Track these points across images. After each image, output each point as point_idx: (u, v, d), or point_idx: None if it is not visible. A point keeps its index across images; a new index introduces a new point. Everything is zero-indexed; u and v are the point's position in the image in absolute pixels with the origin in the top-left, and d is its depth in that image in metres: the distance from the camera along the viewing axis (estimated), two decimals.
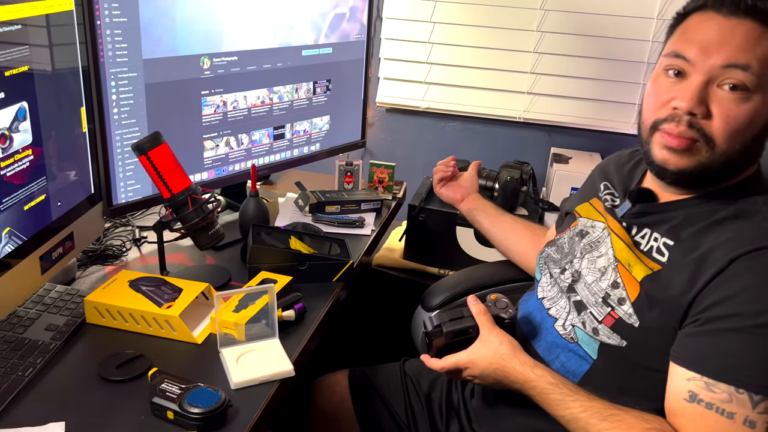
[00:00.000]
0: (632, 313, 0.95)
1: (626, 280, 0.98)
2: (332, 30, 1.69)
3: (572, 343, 1.03)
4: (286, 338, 1.13)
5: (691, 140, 0.91)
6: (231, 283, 1.31)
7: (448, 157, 1.55)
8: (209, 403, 0.92)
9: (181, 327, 1.10)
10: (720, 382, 0.82)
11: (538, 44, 2.14)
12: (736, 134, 0.89)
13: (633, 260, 0.99)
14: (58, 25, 1.12)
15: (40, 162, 1.10)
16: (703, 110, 0.89)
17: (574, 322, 1.04)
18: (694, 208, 0.96)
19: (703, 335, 0.85)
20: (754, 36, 0.87)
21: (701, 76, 0.89)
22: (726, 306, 0.84)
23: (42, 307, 1.15)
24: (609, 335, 0.97)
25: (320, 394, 1.39)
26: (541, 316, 1.11)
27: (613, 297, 0.99)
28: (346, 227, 1.58)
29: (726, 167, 0.92)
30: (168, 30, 1.34)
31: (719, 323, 0.84)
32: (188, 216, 1.21)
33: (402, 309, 1.63)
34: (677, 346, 0.89)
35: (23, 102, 1.04)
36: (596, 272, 1.04)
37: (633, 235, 1.02)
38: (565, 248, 1.16)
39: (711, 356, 0.83)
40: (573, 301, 1.06)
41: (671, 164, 0.93)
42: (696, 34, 0.91)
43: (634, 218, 1.03)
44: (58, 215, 1.17)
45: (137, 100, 1.33)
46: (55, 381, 1.00)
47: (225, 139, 1.54)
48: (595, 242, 1.09)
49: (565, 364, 1.03)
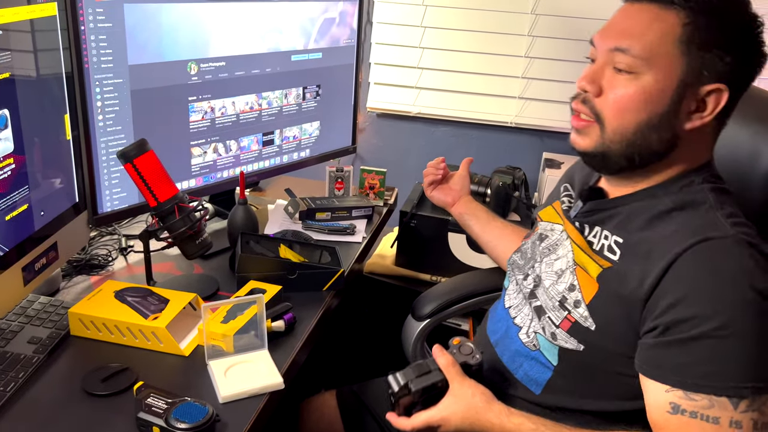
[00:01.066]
0: (588, 315, 0.94)
1: (582, 283, 0.97)
2: (322, 35, 1.67)
3: (534, 350, 1.02)
4: (275, 349, 1.11)
5: (585, 120, 0.95)
6: (219, 293, 1.28)
7: (438, 158, 1.52)
8: (196, 417, 0.90)
9: (168, 339, 1.08)
10: (698, 393, 0.81)
11: (530, 49, 2.14)
12: (624, 112, 0.91)
13: (587, 261, 0.98)
14: (41, 30, 1.10)
15: (23, 170, 1.08)
16: (596, 88, 0.93)
17: (536, 328, 1.02)
18: (640, 202, 0.96)
19: (669, 347, 0.84)
20: (645, 19, 0.90)
21: (599, 59, 0.95)
22: (681, 309, 0.83)
23: (25, 320, 1.12)
24: (566, 339, 0.97)
25: (309, 416, 1.37)
26: (507, 325, 1.10)
27: (569, 300, 0.98)
28: (337, 234, 1.56)
29: (631, 148, 0.92)
30: (154, 35, 1.32)
31: (680, 331, 0.83)
32: (175, 225, 1.19)
33: (394, 316, 1.61)
34: (645, 358, 0.87)
35: (5, 109, 1.02)
36: (553, 275, 1.03)
37: (586, 236, 1.01)
38: (528, 253, 1.15)
39: (682, 367, 0.83)
40: (533, 306, 1.05)
41: (577, 145, 0.98)
42: (607, 22, 0.97)
43: (585, 217, 1.03)
44: (41, 225, 1.14)
45: (123, 106, 1.30)
46: (38, 396, 0.98)
47: (213, 145, 1.52)
48: (553, 245, 1.08)
49: (528, 372, 1.03)
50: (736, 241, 0.85)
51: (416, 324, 1.46)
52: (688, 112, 0.90)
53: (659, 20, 0.89)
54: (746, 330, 0.80)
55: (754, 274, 0.82)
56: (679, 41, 0.88)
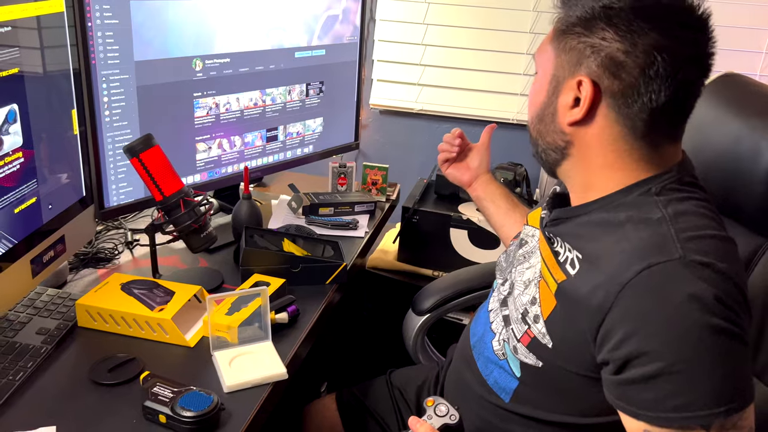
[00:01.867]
0: (545, 332, 0.91)
1: (543, 297, 0.93)
2: (325, 32, 1.69)
3: (503, 359, 1.00)
4: (279, 341, 1.13)
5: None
6: (224, 286, 1.30)
7: (454, 131, 1.38)
8: (202, 406, 0.92)
9: (174, 330, 1.09)
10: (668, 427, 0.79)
11: (531, 46, 2.15)
12: (528, 107, 0.96)
13: (547, 275, 0.94)
14: (48, 27, 1.11)
15: (31, 164, 1.10)
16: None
17: (504, 337, 1.00)
18: (597, 213, 0.91)
19: (633, 384, 0.80)
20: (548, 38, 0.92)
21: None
22: (633, 343, 0.79)
23: (33, 311, 1.14)
24: (526, 354, 0.94)
25: (310, 421, 1.36)
26: (485, 329, 1.07)
27: (530, 314, 0.94)
28: (340, 229, 1.58)
29: (537, 143, 0.95)
30: (160, 32, 1.34)
31: (638, 365, 0.79)
32: (180, 218, 1.21)
33: (396, 311, 1.62)
34: (612, 391, 0.84)
35: (13, 104, 1.04)
36: (521, 285, 1.00)
37: (553, 247, 0.95)
38: (510, 256, 1.11)
39: (651, 403, 0.79)
40: (503, 315, 1.02)
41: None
42: None
43: (552, 227, 0.98)
44: (49, 218, 1.16)
45: (129, 102, 1.32)
46: (46, 385, 1.00)
47: (217, 141, 1.53)
48: (528, 253, 1.03)
49: (498, 380, 1.01)
50: (684, 264, 0.79)
51: (417, 318, 1.46)
52: (567, 106, 0.88)
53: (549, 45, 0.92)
54: (703, 358, 0.77)
55: (703, 298, 0.77)
56: (552, 39, 0.90)
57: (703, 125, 0.90)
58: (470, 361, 1.08)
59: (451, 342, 1.31)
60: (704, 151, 1.08)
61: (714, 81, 1.14)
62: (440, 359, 1.47)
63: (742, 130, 1.07)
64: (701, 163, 0.96)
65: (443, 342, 1.40)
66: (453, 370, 1.16)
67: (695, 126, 0.92)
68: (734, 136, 1.08)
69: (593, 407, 0.91)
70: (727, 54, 0.93)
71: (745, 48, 1.94)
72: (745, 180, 1.05)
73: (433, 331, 1.51)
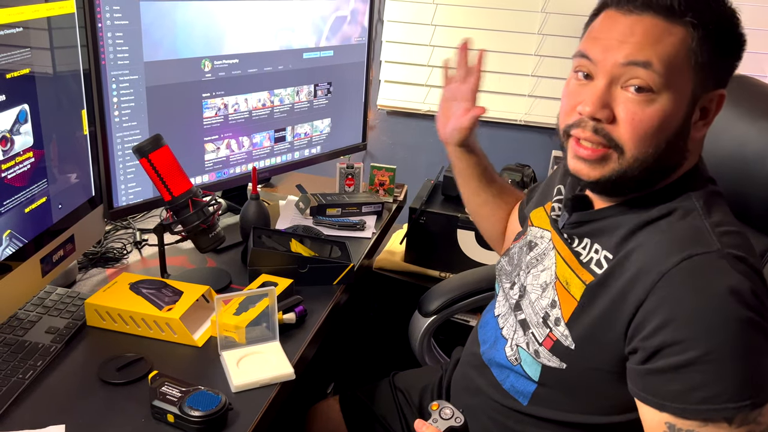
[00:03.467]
0: (567, 334, 0.91)
1: (563, 299, 0.93)
2: (333, 33, 1.69)
3: (516, 364, 0.99)
4: (286, 341, 1.13)
5: (601, 150, 0.87)
6: (231, 286, 1.31)
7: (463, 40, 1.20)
8: (210, 406, 0.92)
9: (182, 330, 1.10)
10: (692, 419, 0.79)
11: (540, 47, 2.15)
12: (645, 139, 0.84)
13: (569, 276, 0.93)
14: (59, 28, 1.12)
15: (41, 164, 1.10)
16: (608, 114, 0.85)
17: (519, 342, 0.99)
18: (628, 214, 0.91)
19: (662, 374, 0.81)
20: (655, 32, 0.83)
21: (604, 77, 0.85)
22: (668, 332, 0.80)
23: (42, 310, 1.15)
24: (549, 358, 0.94)
25: (314, 423, 1.36)
26: (495, 336, 1.06)
27: (551, 317, 0.94)
28: (347, 230, 1.58)
29: (647, 172, 0.87)
30: (169, 33, 1.34)
31: (670, 355, 0.80)
32: (189, 218, 1.21)
33: (403, 312, 1.62)
34: (640, 385, 0.84)
35: (24, 104, 1.04)
36: (538, 288, 0.99)
37: (574, 247, 0.95)
38: (515, 260, 1.10)
39: (678, 395, 0.80)
40: (518, 319, 1.01)
41: (584, 174, 0.89)
42: (600, 33, 0.88)
43: (572, 229, 0.97)
44: (58, 218, 1.17)
45: (138, 102, 1.33)
46: (55, 384, 1.00)
47: (226, 141, 1.54)
48: (541, 255, 1.02)
49: (514, 384, 1.01)
50: (721, 257, 0.81)
51: (423, 320, 1.46)
52: (694, 122, 0.87)
53: (669, 34, 0.83)
54: (737, 350, 0.78)
55: (741, 292, 0.78)
56: (689, 55, 0.83)
57: (710, 127, 0.91)
58: (482, 368, 1.07)
59: (458, 344, 1.31)
60: (712, 154, 1.07)
61: None
62: (446, 361, 1.47)
63: (749, 132, 1.07)
64: (709, 165, 0.97)
65: (451, 344, 1.39)
66: (462, 376, 1.16)
67: None
68: (742, 138, 1.08)
69: (614, 406, 0.92)
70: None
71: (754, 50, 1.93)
72: (752, 182, 1.06)
73: (441, 333, 1.51)
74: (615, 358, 0.88)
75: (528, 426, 1.00)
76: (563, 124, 0.92)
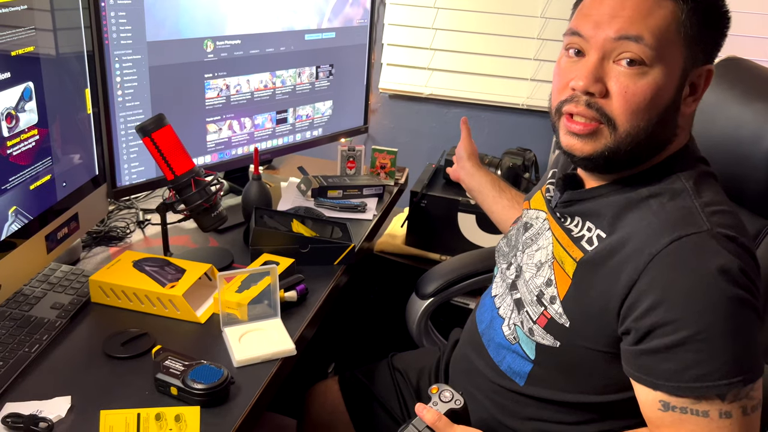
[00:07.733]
0: (562, 312, 0.92)
1: (558, 278, 0.94)
2: (335, 14, 1.69)
3: (514, 343, 1.00)
4: (288, 318, 1.15)
5: (594, 124, 0.87)
6: (234, 266, 1.32)
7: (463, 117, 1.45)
8: (212, 379, 0.94)
9: (185, 306, 1.12)
10: (686, 396, 0.81)
11: (542, 30, 2.14)
12: (637, 112, 0.85)
13: (563, 255, 0.95)
14: (62, 9, 1.13)
15: (46, 142, 1.12)
16: (600, 88, 0.86)
17: (516, 321, 1.01)
18: (619, 192, 0.92)
19: (655, 354, 0.82)
20: (645, 6, 0.84)
21: (596, 53, 0.86)
22: (660, 312, 0.81)
23: (47, 286, 1.16)
24: (543, 336, 0.95)
25: (313, 403, 1.37)
26: (492, 315, 1.08)
27: (546, 295, 0.96)
28: (348, 212, 1.59)
29: (638, 147, 0.87)
30: (172, 12, 1.35)
31: (663, 335, 0.81)
32: (191, 197, 1.23)
33: (403, 295, 1.64)
34: (630, 362, 0.86)
35: (29, 82, 1.05)
36: (533, 267, 1.00)
37: (566, 225, 0.97)
38: (512, 241, 1.12)
39: (671, 374, 0.81)
40: (514, 298, 1.03)
41: (576, 150, 0.90)
42: (590, 9, 0.88)
43: (564, 207, 0.99)
44: (63, 196, 1.18)
45: (141, 82, 1.34)
46: (61, 357, 1.02)
47: (228, 122, 1.55)
48: (536, 235, 1.04)
49: (511, 365, 1.02)
50: (711, 236, 0.82)
51: (420, 302, 1.46)
52: (684, 97, 0.88)
53: (659, 7, 0.84)
54: (727, 328, 0.79)
55: (730, 271, 0.80)
56: (679, 28, 0.84)
57: (705, 109, 0.92)
58: (480, 349, 1.09)
59: (458, 327, 1.32)
60: (707, 135, 1.08)
61: (717, 65, 1.14)
62: (444, 343, 1.48)
63: (744, 114, 1.08)
64: (704, 147, 0.97)
65: (450, 327, 1.41)
66: (460, 358, 1.17)
67: (698, 110, 0.93)
68: (736, 120, 1.08)
69: (609, 385, 0.93)
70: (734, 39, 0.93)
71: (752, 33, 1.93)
72: (747, 164, 1.06)
73: (440, 315, 1.52)
74: (607, 337, 0.89)
75: (526, 406, 1.02)
76: (556, 102, 0.92)
